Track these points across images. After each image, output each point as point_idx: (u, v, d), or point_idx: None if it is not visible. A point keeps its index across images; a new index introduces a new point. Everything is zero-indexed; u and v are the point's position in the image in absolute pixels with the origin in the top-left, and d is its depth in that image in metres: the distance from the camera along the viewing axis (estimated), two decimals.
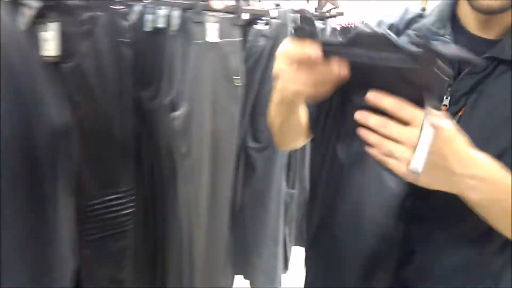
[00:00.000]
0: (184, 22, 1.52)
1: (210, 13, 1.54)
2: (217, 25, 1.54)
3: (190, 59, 1.52)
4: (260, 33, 1.81)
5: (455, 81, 0.70)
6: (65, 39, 1.26)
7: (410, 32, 0.76)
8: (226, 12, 1.59)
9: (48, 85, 1.08)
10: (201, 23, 1.51)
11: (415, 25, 0.77)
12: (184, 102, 1.54)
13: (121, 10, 1.41)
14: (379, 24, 0.82)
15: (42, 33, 1.25)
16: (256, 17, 1.79)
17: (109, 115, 1.38)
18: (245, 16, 1.74)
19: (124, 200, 1.46)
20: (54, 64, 1.27)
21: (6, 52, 0.84)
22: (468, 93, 0.69)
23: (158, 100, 1.59)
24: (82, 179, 1.33)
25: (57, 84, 1.18)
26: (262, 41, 1.82)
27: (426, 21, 0.76)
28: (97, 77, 1.33)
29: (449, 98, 0.70)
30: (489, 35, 0.70)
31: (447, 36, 0.72)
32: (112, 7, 1.37)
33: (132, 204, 1.48)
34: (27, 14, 1.23)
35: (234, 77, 1.63)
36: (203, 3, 1.51)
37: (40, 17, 1.25)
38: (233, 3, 1.65)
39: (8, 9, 1.15)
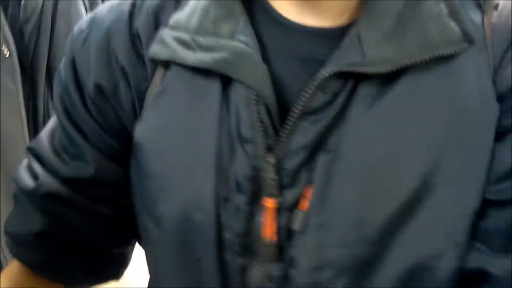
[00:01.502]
0: None
1: None
2: None
3: None
4: None
5: (281, 139, 0.35)
6: None
7: (167, 33, 0.38)
8: None
9: None
10: None
11: (174, 20, 0.38)
12: None
13: None
14: (90, 27, 0.42)
15: None
16: None
17: None
18: None
19: None
20: None
21: None
22: (311, 154, 0.35)
23: None
24: None
25: None
26: None
27: (191, 11, 0.38)
28: None
29: (275, 178, 0.35)
30: (323, 20, 0.36)
31: (241, 37, 0.36)
32: None
33: None
34: None
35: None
36: None
37: None
38: None
39: None
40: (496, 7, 0.36)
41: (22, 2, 1.42)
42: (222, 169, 0.36)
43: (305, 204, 0.35)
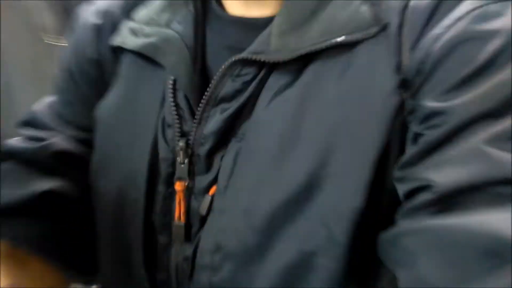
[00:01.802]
0: None
1: None
2: None
3: None
4: None
5: (193, 125, 0.37)
6: None
7: (125, 24, 0.42)
8: None
9: None
10: None
11: (135, 13, 0.42)
12: None
13: None
14: (97, 11, 0.45)
15: None
16: None
17: None
18: None
19: None
20: None
21: None
22: (223, 141, 0.36)
23: None
24: None
25: None
26: None
27: (151, 6, 0.41)
28: None
29: (185, 161, 0.37)
30: (264, 11, 0.36)
31: (175, 26, 0.38)
32: None
33: None
34: None
35: (45, 34, 1.38)
36: None
37: None
38: None
39: None
40: None
41: None
42: (156, 151, 0.38)
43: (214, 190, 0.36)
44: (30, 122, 0.46)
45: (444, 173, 0.27)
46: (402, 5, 0.31)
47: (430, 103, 0.29)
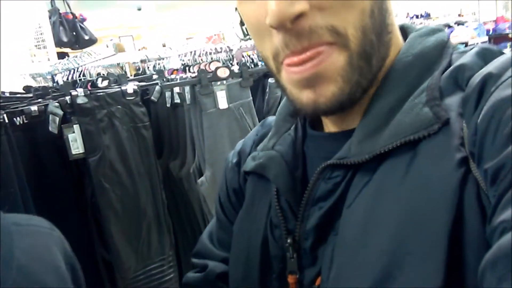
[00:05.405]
0: (194, 96, 1.65)
1: (219, 83, 1.65)
2: (225, 92, 1.65)
3: (205, 128, 1.63)
4: (276, 85, 1.88)
5: (297, 223, 0.43)
6: (88, 136, 1.45)
7: (253, 154, 0.53)
8: (233, 77, 1.70)
9: None
10: (210, 94, 1.63)
11: (260, 145, 0.53)
12: (207, 167, 1.65)
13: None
14: (235, 152, 0.59)
15: (69, 135, 1.44)
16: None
17: (138, 194, 1.53)
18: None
19: (164, 268, 1.59)
20: (82, 160, 1.46)
21: None
22: (323, 235, 0.42)
23: (186, 169, 1.72)
24: (122, 255, 1.49)
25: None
26: (279, 92, 1.89)
27: (268, 136, 0.53)
28: (122, 163, 1.50)
29: (294, 255, 0.43)
30: (349, 126, 0.44)
31: (277, 148, 0.49)
32: (128, 98, 1.54)
33: (172, 270, 1.60)
34: (55, 121, 1.44)
35: None
36: (209, 76, 1.63)
37: (65, 122, 1.45)
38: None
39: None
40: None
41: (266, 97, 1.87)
42: (266, 250, 0.46)
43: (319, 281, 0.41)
44: (198, 253, 0.60)
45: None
46: (459, 100, 0.37)
47: (488, 165, 0.31)
